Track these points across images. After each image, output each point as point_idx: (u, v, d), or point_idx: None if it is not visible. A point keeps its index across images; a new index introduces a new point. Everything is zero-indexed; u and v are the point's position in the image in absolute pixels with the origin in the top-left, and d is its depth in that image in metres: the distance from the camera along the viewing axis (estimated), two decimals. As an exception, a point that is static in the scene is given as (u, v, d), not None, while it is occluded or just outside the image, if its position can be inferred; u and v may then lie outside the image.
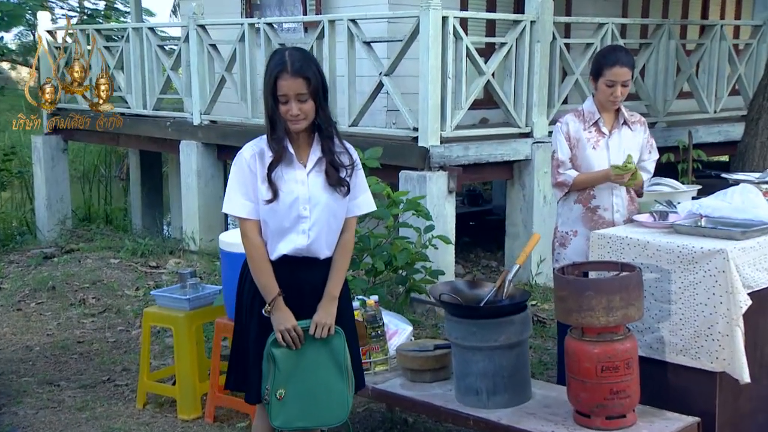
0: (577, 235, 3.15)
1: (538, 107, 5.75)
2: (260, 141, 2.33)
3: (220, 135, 6.79)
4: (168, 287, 3.82)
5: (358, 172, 2.39)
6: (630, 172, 2.95)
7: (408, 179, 5.21)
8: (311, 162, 2.33)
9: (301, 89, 2.21)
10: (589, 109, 3.14)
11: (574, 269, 2.62)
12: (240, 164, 2.32)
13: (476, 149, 5.43)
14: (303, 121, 2.26)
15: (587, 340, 2.44)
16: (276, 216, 2.29)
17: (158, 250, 6.74)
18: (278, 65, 2.22)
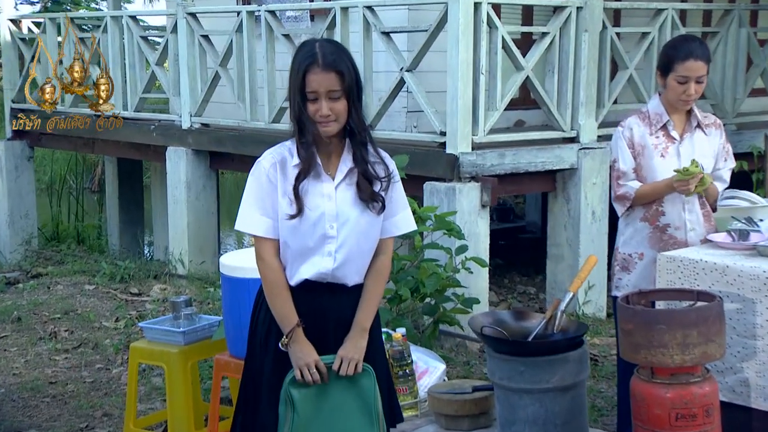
0: (644, 258, 3.11)
1: (585, 107, 5.77)
2: (281, 148, 2.34)
3: (213, 140, 6.84)
4: (158, 318, 3.83)
5: (396, 185, 2.39)
6: (696, 177, 2.90)
7: (434, 192, 5.23)
8: (341, 173, 2.33)
9: (334, 85, 2.22)
10: (655, 110, 3.10)
11: (640, 298, 2.60)
12: (258, 175, 2.32)
13: (513, 157, 5.45)
14: (334, 124, 2.26)
15: (658, 382, 2.42)
16: (298, 235, 2.30)
17: (140, 274, 6.77)
18: (308, 58, 2.23)
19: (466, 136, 5.23)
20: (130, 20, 7.36)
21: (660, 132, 3.09)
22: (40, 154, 12.70)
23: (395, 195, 2.39)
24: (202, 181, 7.01)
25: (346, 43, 5.76)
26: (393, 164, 2.40)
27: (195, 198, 6.98)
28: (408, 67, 5.50)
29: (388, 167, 2.37)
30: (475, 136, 5.29)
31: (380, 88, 6.03)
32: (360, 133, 2.30)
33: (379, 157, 2.35)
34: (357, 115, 2.28)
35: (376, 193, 2.32)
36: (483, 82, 5.26)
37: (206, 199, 7.03)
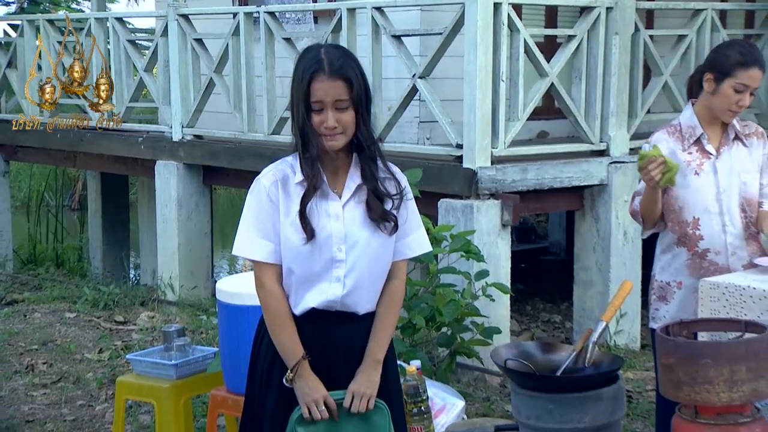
0: (682, 286, 3.07)
1: (615, 117, 5.79)
2: (282, 164, 2.35)
3: (206, 154, 6.86)
4: (147, 349, 3.83)
5: (408, 203, 2.40)
6: (655, 161, 2.79)
7: (450, 210, 5.24)
8: (348, 190, 2.34)
9: (341, 94, 2.24)
10: (688, 122, 3.05)
11: (681, 329, 2.57)
12: (257, 193, 2.33)
13: (536, 171, 5.46)
14: (340, 136, 2.28)
15: (703, 422, 2.39)
16: (303, 259, 2.30)
17: (126, 300, 6.78)
18: (313, 64, 2.25)
19: (484, 149, 5.24)
20: (116, 22, 7.42)
21: (693, 147, 3.04)
22: (16, 169, 12.74)
23: (408, 214, 2.40)
24: (194, 199, 7.04)
25: (353, 48, 5.80)
26: (405, 180, 2.41)
27: (186, 217, 7.00)
28: (421, 73, 5.52)
29: (400, 183, 2.38)
30: (495, 149, 5.30)
31: (390, 96, 6.06)
32: (369, 147, 2.31)
33: (389, 173, 2.37)
34: (365, 127, 2.29)
35: (388, 212, 2.34)
36: (503, 90, 5.28)
37: (199, 218, 7.05)
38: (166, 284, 6.95)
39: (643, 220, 3.06)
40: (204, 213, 7.10)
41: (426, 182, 4.85)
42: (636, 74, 5.89)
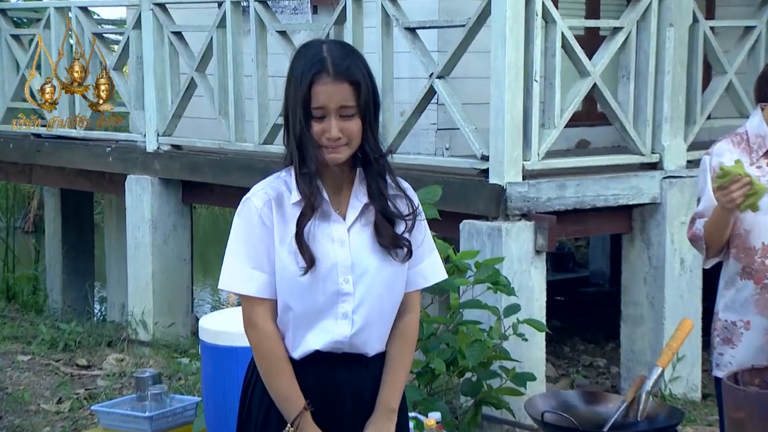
0: (750, 327, 3.03)
1: (670, 124, 5.80)
2: (276, 181, 2.37)
3: (186, 167, 6.89)
4: (117, 399, 3.85)
5: (421, 224, 2.42)
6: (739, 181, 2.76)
7: (474, 233, 5.25)
8: (353, 211, 2.35)
9: (346, 99, 2.26)
10: (756, 130, 3.05)
11: (752, 377, 2.57)
12: (247, 215, 2.34)
13: (576, 188, 5.48)
14: (344, 148, 2.30)
15: (779, 486, 2.40)
16: (303, 293, 2.31)
17: (90, 341, 6.77)
18: (314, 64, 2.27)
19: (514, 161, 5.25)
20: (80, 12, 7.46)
21: (763, 160, 3.03)
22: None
23: (421, 237, 2.43)
24: (171, 219, 7.06)
25: (359, 43, 5.83)
26: (417, 198, 2.44)
27: (162, 241, 7.01)
28: (439, 72, 5.53)
29: (413, 202, 2.41)
30: (527, 162, 5.32)
31: (403, 99, 6.05)
32: (376, 161, 2.34)
33: (399, 190, 2.39)
34: (373, 138, 2.32)
35: (399, 236, 2.36)
36: (537, 92, 5.29)
37: (177, 242, 7.07)
38: (137, 321, 6.96)
39: (706, 246, 3.03)
40: (183, 236, 7.11)
41: (445, 201, 4.85)
42: (694, 72, 5.90)
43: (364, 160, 2.34)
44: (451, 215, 5.21)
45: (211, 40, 6.64)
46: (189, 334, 6.98)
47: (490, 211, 5.24)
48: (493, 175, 5.27)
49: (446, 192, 4.88)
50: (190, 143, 6.99)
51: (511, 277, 4.99)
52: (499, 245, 5.13)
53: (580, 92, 5.53)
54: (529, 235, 5.20)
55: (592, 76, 5.52)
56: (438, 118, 6.40)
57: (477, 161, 5.39)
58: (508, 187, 5.21)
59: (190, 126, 7.12)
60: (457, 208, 5.28)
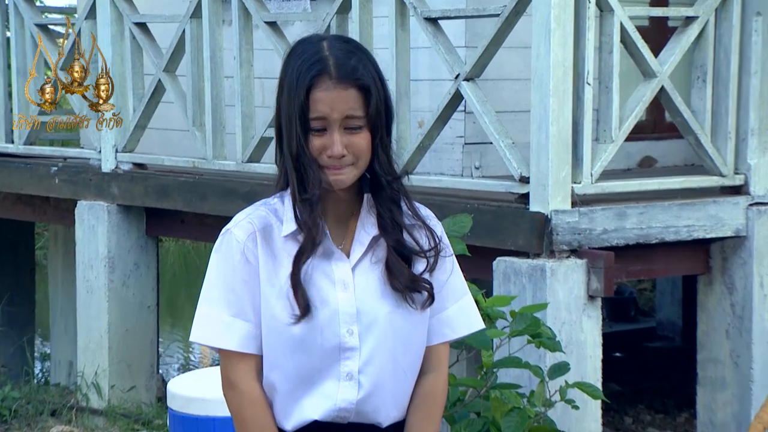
0: None
1: (758, 137, 5.79)
2: (263, 209, 2.39)
3: (152, 191, 6.89)
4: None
5: (446, 261, 2.43)
6: None
7: (511, 274, 5.25)
8: (360, 245, 2.38)
9: (353, 108, 2.28)
10: None
11: None
12: (227, 251, 2.36)
13: (639, 217, 5.47)
14: (350, 169, 2.31)
15: None
16: (296, 348, 2.32)
17: (29, 409, 6.74)
18: (313, 64, 2.29)
19: (562, 183, 5.26)
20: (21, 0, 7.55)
21: None
22: None
23: (447, 276, 2.44)
24: (133, 256, 7.06)
25: (368, 37, 5.86)
26: (440, 227, 2.45)
27: (121, 283, 7.01)
28: (468, 73, 5.53)
29: (434, 233, 2.42)
30: (578, 184, 5.32)
31: (422, 106, 6.05)
32: (389, 184, 2.36)
33: (418, 219, 2.40)
34: (385, 155, 2.34)
35: (418, 277, 2.37)
36: (589, 97, 5.30)
37: (139, 285, 7.06)
38: (89, 384, 6.94)
39: None
40: (147, 277, 7.11)
41: (475, 233, 4.84)
42: (788, 73, 5.90)
43: (373, 182, 2.36)
44: (483, 251, 5.20)
45: (183, 33, 6.67)
46: (153, 400, 6.96)
47: (530, 246, 5.24)
48: (534, 201, 5.27)
49: (476, 222, 4.86)
50: (157, 161, 6.99)
51: (557, 328, 4.98)
52: (542, 289, 5.12)
53: (644, 98, 5.52)
54: (580, 277, 5.20)
55: (659, 77, 5.53)
56: (465, 129, 6.40)
57: (514, 184, 5.38)
58: (553, 216, 5.21)
59: (156, 140, 7.15)
60: (489, 242, 5.27)
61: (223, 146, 6.62)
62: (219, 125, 6.62)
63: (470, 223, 4.50)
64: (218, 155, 6.61)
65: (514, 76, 5.88)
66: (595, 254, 5.24)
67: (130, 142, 7.05)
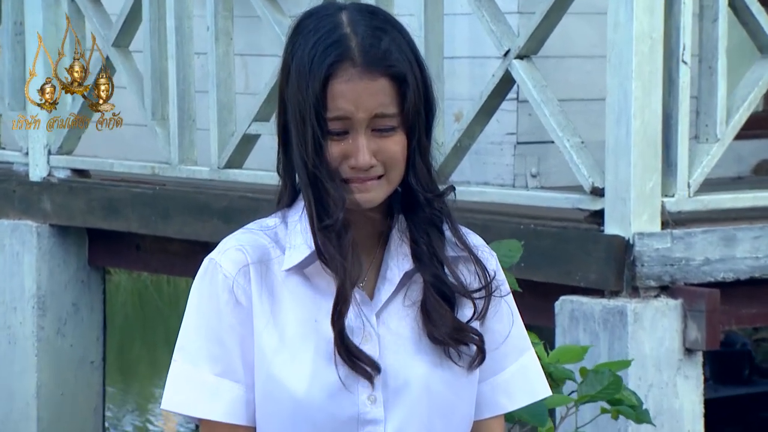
0: None
1: None
2: (259, 233, 2.40)
3: (97, 206, 6.97)
4: None
5: (502, 305, 2.45)
6: None
7: (580, 318, 5.29)
8: (388, 284, 2.39)
9: (384, 105, 2.30)
10: None
11: None
12: (212, 289, 2.38)
13: (754, 243, 5.52)
14: (380, 183, 2.33)
15: None
16: (302, 421, 2.35)
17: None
18: (331, 46, 2.32)
19: (648, 197, 5.30)
20: None
21: None
22: None
23: (502, 325, 2.48)
24: (71, 295, 7.14)
25: (388, 1, 5.89)
26: (495, 260, 2.49)
27: (55, 331, 7.08)
28: (521, 49, 5.57)
29: (486, 268, 2.44)
30: (670, 198, 5.37)
31: (459, 92, 6.11)
32: (429, 202, 2.39)
33: (465, 248, 2.42)
34: (424, 164, 2.37)
35: (465, 326, 2.39)
36: (686, 81, 5.34)
37: (80, 333, 7.14)
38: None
39: None
40: (90, 323, 7.18)
41: (530, 264, 4.90)
42: None
43: (408, 200, 2.39)
44: (540, 288, 5.27)
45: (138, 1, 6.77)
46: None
47: (606, 282, 5.31)
48: (611, 221, 5.32)
49: (531, 249, 4.89)
50: (104, 167, 7.07)
51: (643, 392, 5.00)
52: (621, 339, 5.17)
53: (760, 82, 5.55)
54: (674, 323, 5.25)
55: (781, 54, 5.59)
56: (518, 124, 6.50)
57: (584, 197, 5.44)
58: (636, 242, 5.25)
59: (103, 138, 7.11)
60: (549, 275, 5.36)
61: (193, 146, 6.66)
62: (187, 118, 6.66)
63: (520, 249, 4.49)
64: (186, 158, 6.65)
65: (583, 53, 5.93)
66: (693, 293, 5.29)
67: (67, 141, 7.14)
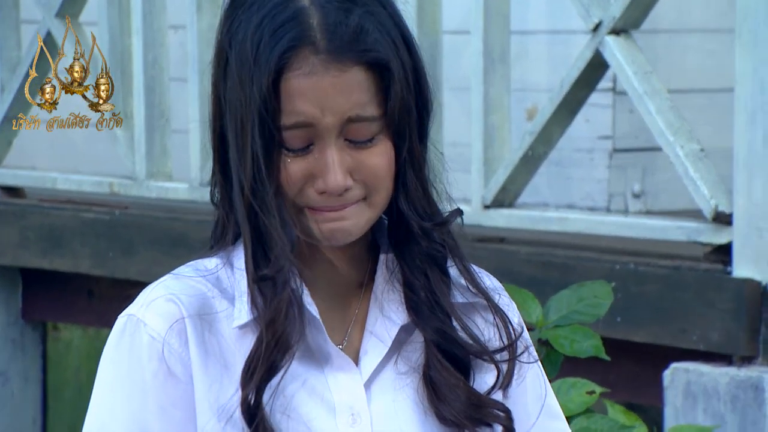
0: None
1: None
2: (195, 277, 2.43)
3: (34, 238, 7.09)
4: None
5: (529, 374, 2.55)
6: None
7: (698, 394, 5.33)
8: (377, 343, 2.46)
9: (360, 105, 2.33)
10: None
11: None
12: (133, 356, 2.41)
13: None
14: (359, 210, 2.36)
15: None
16: None
17: None
18: (284, 25, 2.34)
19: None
20: None
21: None
22: None
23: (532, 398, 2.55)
24: (0, 359, 7.22)
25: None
26: (515, 309, 2.55)
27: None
28: (616, 22, 5.62)
29: (508, 318, 2.51)
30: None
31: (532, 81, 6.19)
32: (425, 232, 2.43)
33: (479, 292, 2.49)
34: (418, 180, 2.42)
35: (486, 401, 2.46)
36: None
37: (11, 410, 7.27)
38: None
39: None
40: (24, 398, 7.34)
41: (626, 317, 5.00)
42: None
43: (398, 229, 2.44)
44: (641, 351, 5.38)
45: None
46: None
47: (734, 344, 5.38)
48: (742, 260, 5.39)
49: (630, 297, 5.05)
50: (43, 183, 7.22)
51: None
52: (758, 423, 5.23)
53: None
54: None
55: None
56: (615, 125, 6.62)
57: (705, 226, 5.50)
58: None
59: (44, 144, 7.31)
60: (656, 334, 5.45)
61: (166, 155, 6.79)
62: (158, 116, 6.80)
63: (612, 296, 4.49)
64: (157, 172, 6.77)
65: (704, 26, 5.87)
66: None
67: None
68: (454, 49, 6.16)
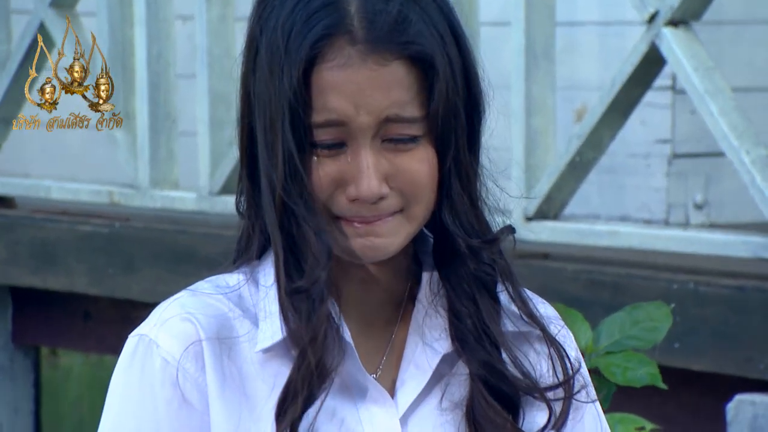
0: None
1: None
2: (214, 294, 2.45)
3: (26, 253, 7.11)
4: None
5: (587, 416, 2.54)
6: None
7: (766, 427, 5.27)
8: (416, 374, 2.46)
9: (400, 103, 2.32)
10: None
11: None
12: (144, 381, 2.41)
13: None
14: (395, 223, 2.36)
15: None
16: None
17: None
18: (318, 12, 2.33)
19: None
20: None
21: None
22: None
23: None
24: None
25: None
26: (572, 340, 2.56)
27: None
28: (674, 12, 5.68)
29: (565, 352, 2.53)
30: None
31: (580, 79, 6.28)
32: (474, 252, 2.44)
33: (533, 321, 2.50)
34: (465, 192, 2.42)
35: None
36: None
37: None
38: None
39: None
40: (13, 428, 7.26)
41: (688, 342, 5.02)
42: None
43: (442, 248, 2.44)
44: (704, 382, 5.36)
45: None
46: None
47: None
48: None
49: (690, 320, 5.06)
50: (36, 192, 7.25)
51: None
52: None
53: None
54: None
55: None
56: (674, 127, 6.66)
57: None
58: None
59: (35, 149, 7.36)
60: (720, 362, 5.46)
61: (173, 161, 6.84)
62: (164, 117, 6.84)
63: (671, 319, 4.55)
64: (162, 180, 6.82)
65: None
66: None
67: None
68: (493, 42, 6.18)
